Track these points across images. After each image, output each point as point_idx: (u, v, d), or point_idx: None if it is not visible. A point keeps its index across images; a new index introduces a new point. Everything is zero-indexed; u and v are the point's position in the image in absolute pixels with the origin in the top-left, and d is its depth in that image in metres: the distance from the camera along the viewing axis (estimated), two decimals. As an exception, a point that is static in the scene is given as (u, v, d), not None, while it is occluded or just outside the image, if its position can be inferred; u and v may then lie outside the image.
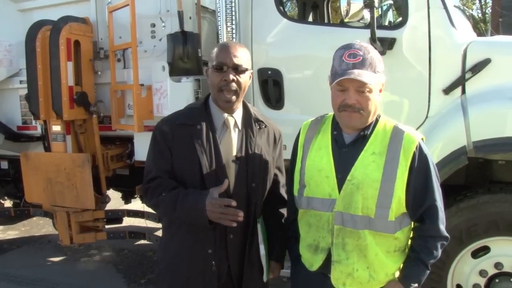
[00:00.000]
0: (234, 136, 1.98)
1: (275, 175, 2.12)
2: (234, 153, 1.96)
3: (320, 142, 1.89)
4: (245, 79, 1.93)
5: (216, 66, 1.88)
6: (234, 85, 1.88)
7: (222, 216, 1.78)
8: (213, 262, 1.92)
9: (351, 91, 1.73)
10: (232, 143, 1.97)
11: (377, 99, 1.78)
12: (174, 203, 1.84)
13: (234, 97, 1.91)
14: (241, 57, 1.90)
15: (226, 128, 1.97)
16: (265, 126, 2.05)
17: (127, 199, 4.85)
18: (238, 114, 2.00)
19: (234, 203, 1.77)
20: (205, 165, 1.88)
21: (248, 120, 2.01)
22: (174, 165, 1.91)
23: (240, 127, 2.00)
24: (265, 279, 2.07)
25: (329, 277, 1.84)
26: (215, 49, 1.94)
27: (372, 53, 1.77)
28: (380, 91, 1.80)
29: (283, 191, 2.15)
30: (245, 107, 2.04)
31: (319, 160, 1.86)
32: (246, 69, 1.92)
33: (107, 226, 4.17)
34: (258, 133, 2.01)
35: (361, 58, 1.73)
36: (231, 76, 1.87)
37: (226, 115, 1.96)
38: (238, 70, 1.89)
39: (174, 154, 1.90)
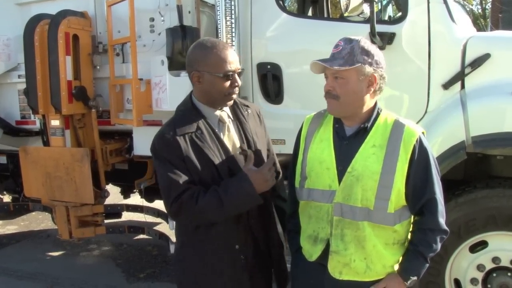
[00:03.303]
0: (232, 129, 2.01)
1: (268, 150, 2.18)
2: (238, 145, 1.99)
3: (322, 135, 1.91)
4: None
5: (225, 74, 1.87)
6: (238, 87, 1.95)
7: (272, 176, 1.87)
8: (242, 256, 1.96)
9: (329, 78, 1.81)
10: (233, 137, 1.99)
11: (361, 89, 1.78)
12: (219, 201, 1.80)
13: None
14: (237, 58, 1.95)
15: (223, 124, 1.98)
16: (248, 107, 2.11)
17: (126, 193, 4.85)
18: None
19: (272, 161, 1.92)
20: (220, 167, 1.88)
21: (236, 108, 2.05)
22: (193, 174, 1.86)
23: (232, 118, 2.03)
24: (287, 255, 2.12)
25: (327, 267, 1.86)
26: (210, 55, 1.88)
27: (355, 44, 1.76)
28: (371, 83, 1.79)
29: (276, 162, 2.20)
30: None
31: (321, 152, 1.88)
32: (243, 69, 1.99)
33: (106, 221, 4.17)
34: (248, 118, 2.07)
35: (341, 48, 1.77)
36: (240, 81, 1.93)
37: (218, 112, 1.98)
38: (239, 73, 1.95)
39: (188, 165, 1.85)
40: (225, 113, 2.00)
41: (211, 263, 1.96)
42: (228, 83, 1.89)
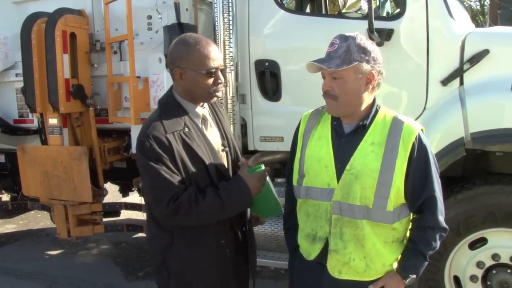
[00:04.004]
0: (213, 125, 2.02)
1: None
2: (220, 142, 2.01)
3: (320, 132, 1.90)
4: None
5: (208, 71, 1.85)
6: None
7: (263, 183, 1.94)
8: (227, 250, 1.98)
9: (327, 78, 1.79)
10: (215, 134, 2.01)
11: (359, 88, 1.76)
12: (221, 205, 1.82)
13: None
14: (221, 55, 1.97)
15: (205, 121, 1.98)
16: (222, 104, 2.16)
17: (124, 192, 4.84)
18: None
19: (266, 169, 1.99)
20: (209, 165, 1.88)
21: (213, 104, 2.06)
22: (184, 172, 1.84)
23: (212, 114, 2.04)
24: (281, 211, 2.15)
25: (326, 266, 1.85)
26: (193, 51, 1.84)
27: (351, 42, 1.74)
28: (370, 81, 1.77)
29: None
30: None
31: (319, 150, 1.86)
32: (226, 67, 1.98)
33: (104, 219, 4.17)
34: (224, 114, 2.10)
35: (336, 46, 1.75)
36: (223, 78, 1.92)
37: (200, 109, 1.96)
38: (223, 70, 1.93)
39: (180, 164, 1.82)
40: (206, 109, 2.00)
41: (203, 261, 1.94)
42: (211, 80, 1.87)
